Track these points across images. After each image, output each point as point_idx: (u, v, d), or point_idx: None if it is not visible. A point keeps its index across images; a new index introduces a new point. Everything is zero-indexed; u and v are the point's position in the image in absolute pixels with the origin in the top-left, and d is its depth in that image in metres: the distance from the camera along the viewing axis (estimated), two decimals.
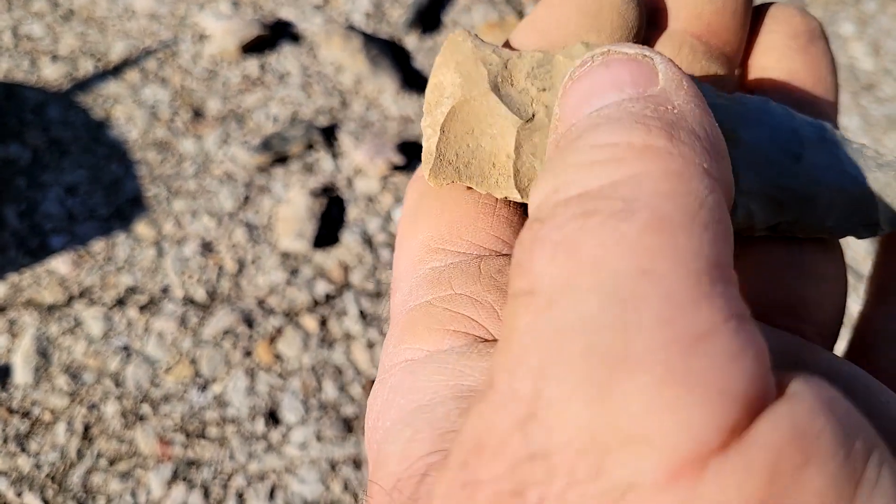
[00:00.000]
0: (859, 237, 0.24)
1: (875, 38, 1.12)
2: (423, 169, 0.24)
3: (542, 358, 0.14)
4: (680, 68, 0.18)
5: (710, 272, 0.14)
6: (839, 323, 0.25)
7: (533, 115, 0.24)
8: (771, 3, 0.28)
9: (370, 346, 0.83)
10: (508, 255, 0.23)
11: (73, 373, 0.80)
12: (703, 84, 0.25)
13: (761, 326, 0.23)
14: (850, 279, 0.64)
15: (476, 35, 0.25)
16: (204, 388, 0.80)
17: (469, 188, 0.25)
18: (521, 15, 1.11)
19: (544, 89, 0.24)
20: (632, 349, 0.13)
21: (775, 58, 0.28)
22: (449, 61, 0.25)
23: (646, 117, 0.16)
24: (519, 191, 0.24)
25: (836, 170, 0.24)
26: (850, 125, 1.01)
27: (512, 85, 0.24)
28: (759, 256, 0.26)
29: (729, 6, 0.26)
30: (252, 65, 1.03)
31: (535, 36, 0.26)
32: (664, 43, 0.27)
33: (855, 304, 0.27)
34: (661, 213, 0.14)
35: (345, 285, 0.86)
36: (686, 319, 0.13)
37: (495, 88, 0.24)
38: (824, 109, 0.27)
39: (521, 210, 0.25)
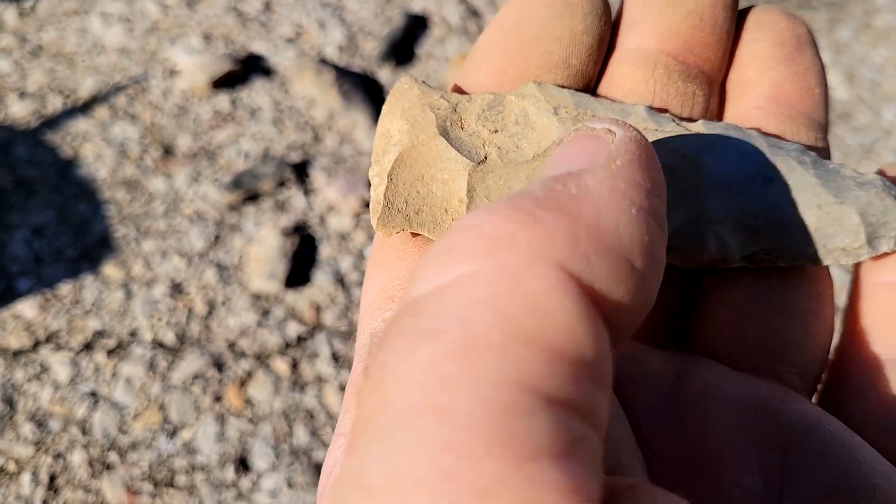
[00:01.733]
0: (842, 263, 0.23)
1: (849, 67, 1.12)
2: (372, 218, 0.23)
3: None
4: (642, 143, 0.17)
5: (519, 401, 0.12)
6: (823, 361, 0.24)
7: (485, 157, 0.23)
8: (752, 7, 0.27)
9: (342, 388, 0.82)
10: None
11: (39, 420, 0.79)
12: (661, 115, 0.25)
13: (728, 373, 0.22)
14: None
15: (423, 81, 0.24)
16: (173, 434, 0.78)
17: (418, 235, 0.24)
18: None
19: (496, 130, 0.24)
20: None
21: (759, 69, 0.26)
22: (395, 109, 0.24)
23: (530, 199, 0.14)
24: None
25: (812, 191, 0.23)
26: None
27: (462, 128, 0.24)
28: (737, 292, 0.24)
29: (708, 21, 0.25)
30: (223, 100, 1.02)
31: (505, 31, 0.25)
32: (635, 63, 0.26)
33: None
34: (473, 332, 0.12)
35: (317, 326, 0.85)
36: (469, 469, 0.11)
37: (444, 133, 0.23)
38: (812, 125, 0.26)
39: None
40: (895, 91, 1.09)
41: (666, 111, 0.25)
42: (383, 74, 1.06)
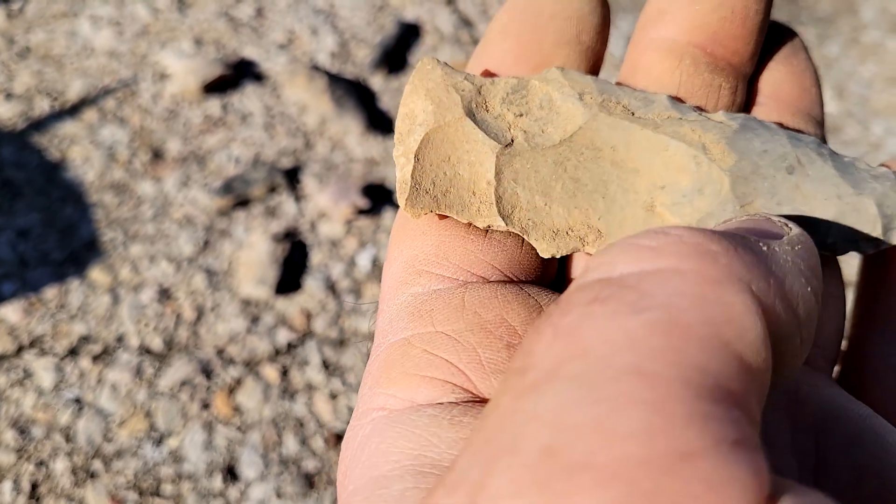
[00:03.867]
0: (862, 252, 0.24)
1: (838, 82, 1.13)
2: (399, 199, 0.23)
3: (500, 446, 0.13)
4: (811, 243, 0.18)
5: (714, 392, 0.13)
6: (839, 343, 0.25)
7: (512, 141, 0.23)
8: None
9: (333, 396, 0.81)
10: (496, 283, 0.22)
11: (22, 427, 0.77)
12: (682, 105, 0.25)
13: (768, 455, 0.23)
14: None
15: (445, 63, 0.24)
16: (159, 442, 0.77)
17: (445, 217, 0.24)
18: None
19: (521, 114, 0.24)
20: (599, 458, 0.12)
21: (759, 69, 0.27)
22: (419, 89, 0.24)
23: (730, 236, 0.16)
24: (503, 218, 0.23)
25: (832, 182, 0.23)
26: None
27: (487, 111, 0.24)
28: None
29: (739, 13, 0.25)
30: (214, 105, 1.01)
31: (506, 34, 0.25)
32: (663, 54, 0.26)
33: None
34: (678, 317, 0.13)
35: (307, 333, 0.84)
36: (671, 435, 0.12)
37: (470, 114, 0.23)
38: (811, 121, 0.27)
39: (514, 237, 0.24)
40: (883, 105, 1.10)
41: (685, 102, 0.25)
42: (375, 82, 1.06)
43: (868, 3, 1.26)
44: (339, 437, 0.78)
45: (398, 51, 1.09)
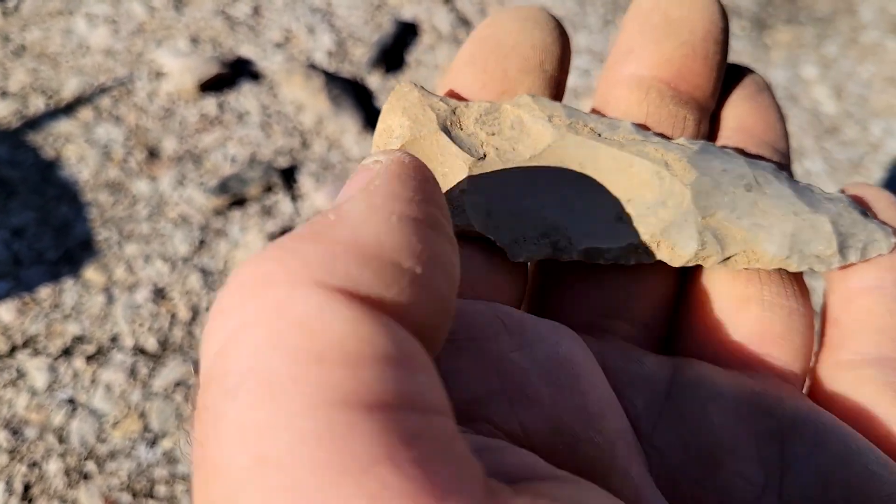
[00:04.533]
0: (816, 269, 0.25)
1: (837, 82, 1.13)
2: None
3: None
4: (405, 161, 0.17)
5: (337, 420, 0.12)
6: (808, 356, 0.25)
7: (484, 155, 0.25)
8: None
9: None
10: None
11: (14, 428, 0.76)
12: (646, 131, 0.26)
13: (726, 373, 0.24)
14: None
15: (422, 87, 0.26)
16: (153, 443, 0.76)
17: None
18: None
19: (493, 133, 0.25)
20: None
21: (724, 106, 0.29)
22: (396, 108, 0.25)
23: (290, 235, 0.15)
24: (473, 223, 0.24)
25: (788, 200, 0.25)
26: (814, 169, 1.01)
27: (461, 129, 0.25)
28: (719, 290, 0.26)
29: (700, 52, 0.27)
30: (210, 103, 1.00)
31: (474, 52, 0.27)
32: (630, 87, 0.27)
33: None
34: (265, 375, 0.12)
35: None
36: None
37: (445, 130, 0.25)
38: (776, 153, 0.28)
39: (480, 253, 0.25)
40: (882, 106, 1.10)
41: (650, 129, 0.27)
42: (373, 81, 1.05)
43: (867, 3, 1.25)
44: None
45: (396, 50, 1.09)
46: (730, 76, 0.30)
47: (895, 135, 1.06)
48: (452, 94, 0.27)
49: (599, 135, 0.25)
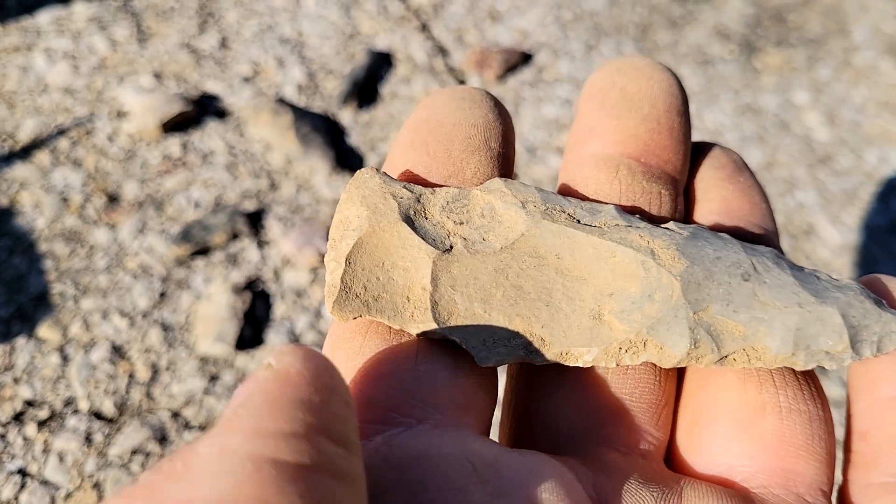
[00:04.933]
0: (826, 367, 0.22)
1: (830, 107, 1.09)
2: (327, 303, 0.22)
3: None
4: (293, 369, 0.16)
5: None
6: (831, 465, 0.23)
7: (451, 248, 0.23)
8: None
9: None
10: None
11: None
12: (631, 215, 0.24)
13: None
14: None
15: (384, 172, 0.24)
16: None
17: (378, 323, 0.24)
18: (462, 84, 1.05)
19: (461, 223, 0.23)
20: None
21: (704, 189, 0.27)
22: (354, 196, 0.23)
23: (127, 489, 0.14)
24: (437, 324, 0.22)
25: (791, 290, 0.22)
26: (807, 200, 0.97)
27: (426, 218, 0.23)
28: (727, 394, 0.24)
29: (665, 125, 0.25)
30: (174, 144, 0.96)
31: (418, 130, 0.25)
32: (597, 166, 0.26)
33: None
34: None
35: None
36: None
37: (408, 220, 0.23)
38: (765, 233, 0.26)
39: (444, 368, 0.22)
40: (877, 132, 1.06)
41: (637, 211, 0.25)
42: (345, 116, 1.01)
43: (860, 23, 1.21)
44: None
45: (369, 82, 1.04)
46: (705, 153, 0.28)
47: (891, 163, 1.02)
48: (411, 178, 0.25)
49: (578, 221, 0.23)
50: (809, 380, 0.24)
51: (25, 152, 0.93)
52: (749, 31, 1.19)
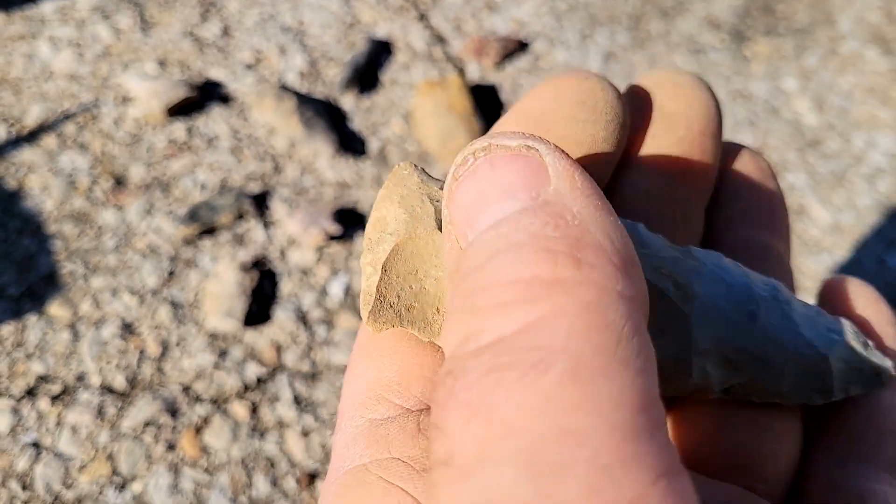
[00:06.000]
0: (812, 403, 0.24)
1: (818, 93, 1.12)
2: (362, 311, 0.22)
3: None
4: (568, 157, 0.17)
5: (636, 421, 0.13)
6: (791, 477, 0.25)
7: None
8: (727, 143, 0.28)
9: (305, 434, 0.77)
10: None
11: None
12: (655, 235, 0.24)
13: (697, 479, 0.23)
14: None
15: (423, 169, 0.23)
16: (122, 487, 0.73)
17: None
18: (462, 73, 1.08)
19: None
20: None
21: (727, 195, 0.28)
22: (393, 195, 0.23)
23: (548, 239, 0.15)
24: None
25: (792, 331, 0.23)
26: (797, 183, 1.00)
27: None
28: (712, 412, 0.25)
29: (698, 148, 0.26)
30: (179, 128, 0.97)
31: (526, 122, 0.24)
32: (628, 184, 0.26)
33: None
34: (579, 360, 0.14)
35: (277, 367, 0.81)
36: (614, 487, 0.13)
37: (442, 227, 0.22)
38: (778, 246, 0.27)
39: None
40: (864, 117, 1.09)
41: (658, 231, 0.25)
42: (346, 102, 1.03)
43: (845, 13, 1.24)
44: (311, 477, 0.75)
45: (369, 69, 1.06)
46: (727, 154, 0.28)
47: (877, 146, 1.05)
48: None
49: None
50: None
51: (33, 137, 0.95)
52: (739, 21, 1.22)
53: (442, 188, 0.23)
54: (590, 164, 0.24)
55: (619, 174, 0.26)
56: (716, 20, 1.21)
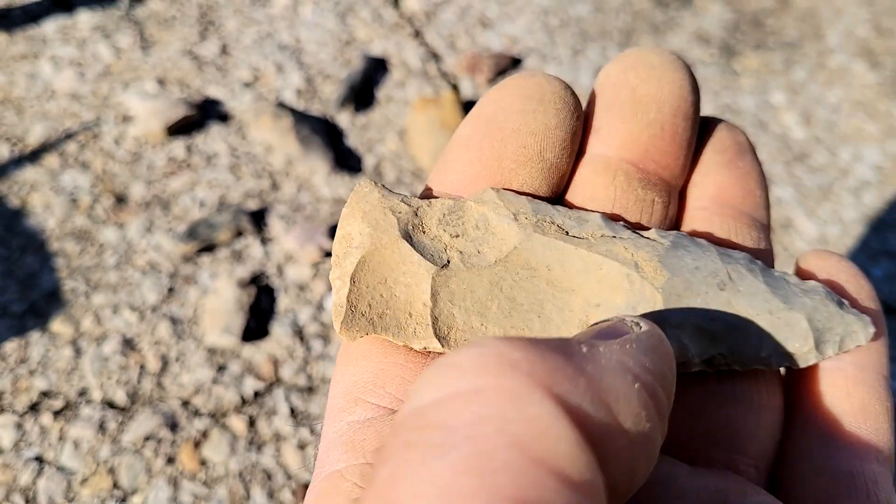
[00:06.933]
0: (794, 367, 0.24)
1: (806, 107, 1.13)
2: (334, 322, 0.23)
3: None
4: (662, 339, 0.18)
5: None
6: (774, 452, 0.25)
7: (448, 262, 0.24)
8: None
9: (301, 447, 0.79)
10: None
11: None
12: (615, 223, 0.25)
13: (683, 468, 0.23)
14: None
15: (383, 185, 0.25)
16: (123, 500, 0.75)
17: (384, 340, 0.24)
18: (456, 89, 1.10)
19: (457, 235, 0.24)
20: None
21: (702, 173, 0.28)
22: (355, 211, 0.24)
23: (543, 342, 0.16)
24: (438, 339, 0.23)
25: (763, 297, 0.24)
26: (784, 196, 1.02)
27: (424, 232, 0.24)
28: (694, 388, 0.25)
29: (668, 130, 0.26)
30: (178, 146, 1.00)
31: (481, 124, 0.25)
32: (597, 170, 0.26)
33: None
34: (483, 448, 0.13)
35: (275, 381, 0.83)
36: None
37: (406, 236, 0.24)
38: (754, 224, 0.27)
39: None
40: (851, 131, 1.11)
41: (620, 219, 0.26)
42: (342, 119, 1.05)
43: (834, 27, 1.26)
44: (307, 489, 0.76)
45: (365, 86, 1.08)
46: (710, 134, 0.28)
47: (864, 160, 1.07)
48: (429, 195, 0.26)
49: (567, 232, 0.24)
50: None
51: (35, 156, 0.97)
52: (728, 36, 1.24)
53: (402, 201, 0.24)
54: (546, 150, 0.25)
55: (586, 157, 0.26)
56: (706, 35, 1.23)
